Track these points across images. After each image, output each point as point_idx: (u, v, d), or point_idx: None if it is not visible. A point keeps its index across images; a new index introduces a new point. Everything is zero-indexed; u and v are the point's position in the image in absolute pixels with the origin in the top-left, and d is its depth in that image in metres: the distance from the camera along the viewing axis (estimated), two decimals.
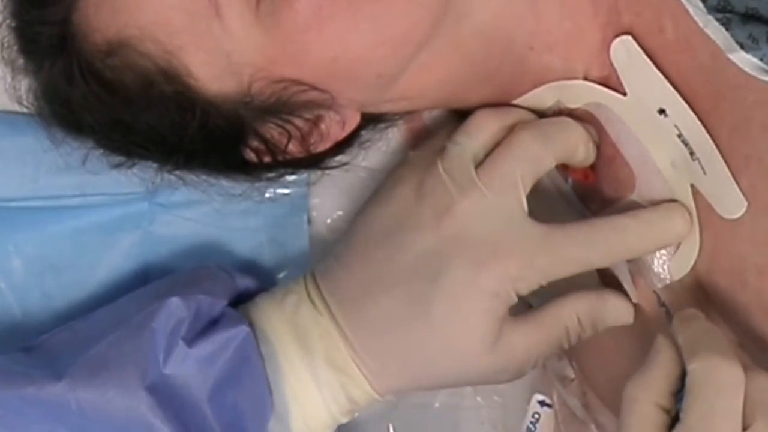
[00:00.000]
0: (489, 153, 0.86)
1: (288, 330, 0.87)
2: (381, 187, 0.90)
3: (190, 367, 0.83)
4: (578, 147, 0.86)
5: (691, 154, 0.83)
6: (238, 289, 0.90)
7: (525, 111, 0.89)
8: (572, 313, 0.86)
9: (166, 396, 0.81)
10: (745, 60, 0.81)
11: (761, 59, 0.80)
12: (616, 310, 0.87)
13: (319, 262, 0.90)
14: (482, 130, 0.87)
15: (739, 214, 0.81)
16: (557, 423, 0.96)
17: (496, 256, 0.84)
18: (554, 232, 0.84)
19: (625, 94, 0.86)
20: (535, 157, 0.85)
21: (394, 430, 0.97)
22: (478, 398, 0.97)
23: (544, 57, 0.87)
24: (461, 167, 0.86)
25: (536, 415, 0.96)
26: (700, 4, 0.82)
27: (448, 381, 0.88)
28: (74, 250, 0.94)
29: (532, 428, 0.96)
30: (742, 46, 0.81)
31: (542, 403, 0.96)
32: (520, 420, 0.96)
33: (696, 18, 0.82)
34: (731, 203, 0.82)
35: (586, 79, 0.87)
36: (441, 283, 0.84)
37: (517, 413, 0.97)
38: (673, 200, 0.85)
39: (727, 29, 0.81)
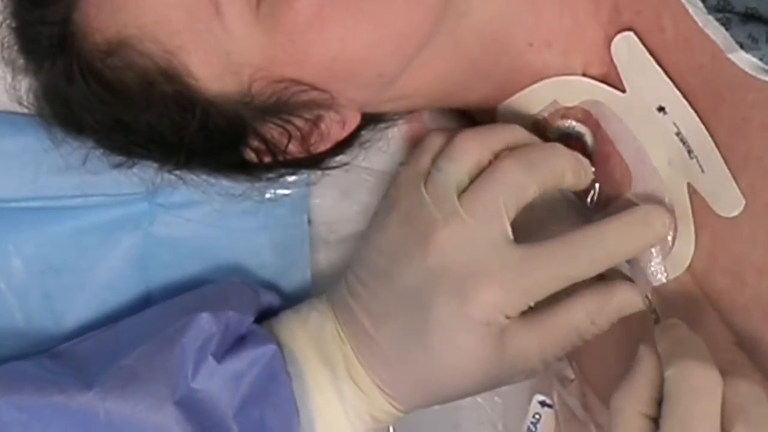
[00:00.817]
0: (473, 179, 0.85)
1: (314, 350, 0.87)
2: (378, 208, 0.89)
3: (218, 383, 0.83)
4: (565, 174, 0.86)
5: (689, 152, 0.83)
6: (262, 306, 0.90)
7: (509, 132, 0.87)
8: (582, 314, 0.85)
9: (193, 411, 0.82)
10: (744, 60, 0.81)
11: (761, 59, 0.80)
12: (626, 301, 0.85)
13: (335, 287, 0.89)
14: (465, 154, 0.86)
15: (736, 212, 0.81)
16: (557, 423, 0.96)
17: (478, 285, 0.83)
18: (534, 252, 0.83)
19: (624, 91, 0.86)
20: (519, 185, 0.84)
21: (394, 430, 0.97)
22: (478, 398, 0.97)
23: (542, 53, 0.87)
24: (444, 195, 0.85)
25: (537, 416, 0.96)
26: (700, 4, 0.82)
27: (467, 393, 0.88)
28: (74, 251, 0.94)
29: (533, 428, 0.96)
30: (741, 46, 0.81)
31: (542, 404, 0.96)
32: (520, 420, 0.96)
33: (696, 18, 0.82)
34: (729, 201, 0.82)
35: (584, 75, 0.87)
36: (432, 316, 0.84)
37: (517, 413, 0.97)
38: (659, 202, 0.85)
39: (726, 29, 0.81)
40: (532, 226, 0.86)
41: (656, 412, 0.77)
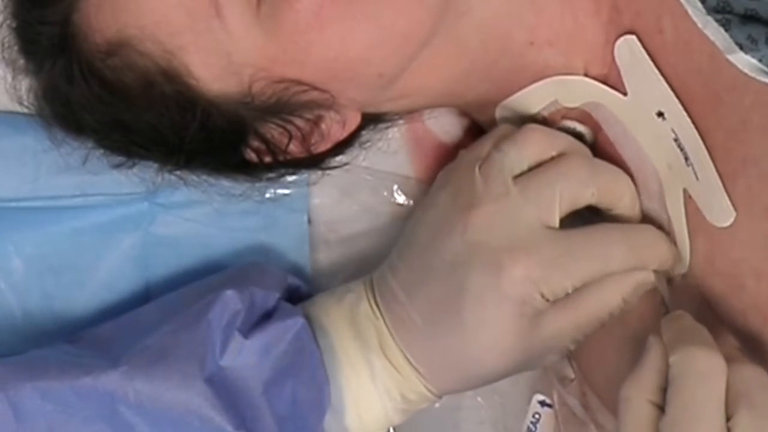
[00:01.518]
0: (532, 168, 0.85)
1: (346, 324, 0.87)
2: (431, 189, 0.89)
3: (247, 359, 0.83)
4: (624, 197, 0.85)
5: (686, 159, 0.83)
6: (289, 285, 0.90)
7: (578, 144, 0.87)
8: (617, 296, 0.84)
9: (223, 388, 0.81)
10: (744, 61, 0.80)
11: (760, 60, 0.80)
12: (647, 276, 0.85)
13: (378, 269, 0.89)
14: (530, 143, 0.85)
15: (727, 223, 0.81)
16: (557, 423, 0.96)
17: (515, 260, 0.82)
18: (576, 235, 0.83)
19: (625, 93, 0.86)
20: (581, 182, 0.84)
21: (394, 430, 0.97)
22: (479, 398, 0.97)
23: (543, 52, 0.87)
24: (498, 173, 0.84)
25: (537, 415, 0.96)
26: (700, 5, 0.82)
27: (497, 376, 0.87)
28: (74, 251, 0.94)
29: (533, 428, 0.96)
30: (741, 47, 0.81)
31: (542, 403, 0.96)
32: (520, 420, 0.96)
33: (695, 19, 0.82)
34: (720, 212, 0.81)
35: (586, 76, 0.87)
36: (467, 290, 0.83)
37: (517, 413, 0.97)
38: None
39: (726, 30, 0.81)
40: None
41: (663, 400, 0.77)
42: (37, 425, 0.79)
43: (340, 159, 0.92)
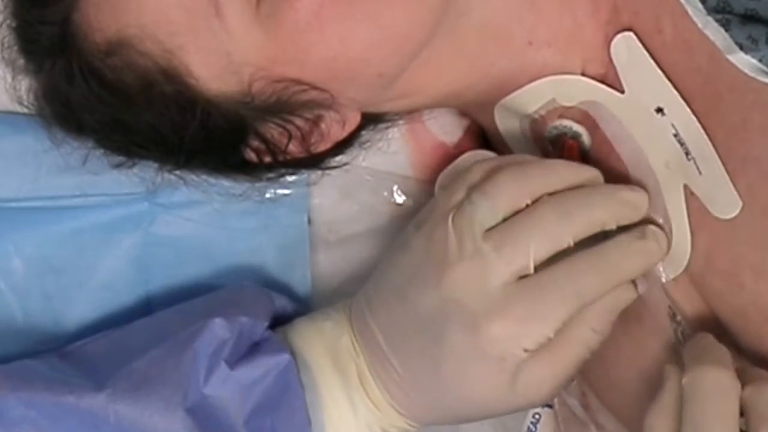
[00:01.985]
0: (506, 218, 0.82)
1: (328, 360, 0.86)
2: (410, 224, 0.87)
3: (230, 390, 0.83)
4: (605, 222, 0.83)
5: (687, 153, 0.83)
6: (276, 311, 0.90)
7: (552, 175, 0.84)
8: (587, 330, 0.83)
9: (204, 417, 0.82)
10: (744, 61, 0.80)
11: (760, 60, 0.80)
12: (621, 296, 0.84)
13: (355, 299, 0.88)
14: (502, 194, 0.82)
15: (733, 214, 0.81)
16: (557, 423, 0.95)
17: (491, 320, 0.81)
18: (543, 278, 0.81)
19: (622, 92, 0.85)
20: (554, 235, 0.81)
21: None
22: None
23: (541, 52, 0.87)
24: (469, 228, 0.82)
25: (537, 416, 0.95)
26: (700, 5, 0.82)
27: (481, 419, 0.88)
28: (74, 251, 0.94)
29: (533, 428, 0.95)
30: (741, 47, 0.81)
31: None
32: (520, 420, 0.96)
33: (695, 19, 0.82)
34: (726, 203, 0.81)
35: (583, 75, 0.87)
36: (446, 345, 0.83)
37: (517, 414, 0.96)
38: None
39: (726, 30, 0.81)
40: None
41: None
42: (23, 430, 0.80)
43: (340, 159, 0.92)
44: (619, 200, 0.83)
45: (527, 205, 0.82)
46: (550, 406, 0.95)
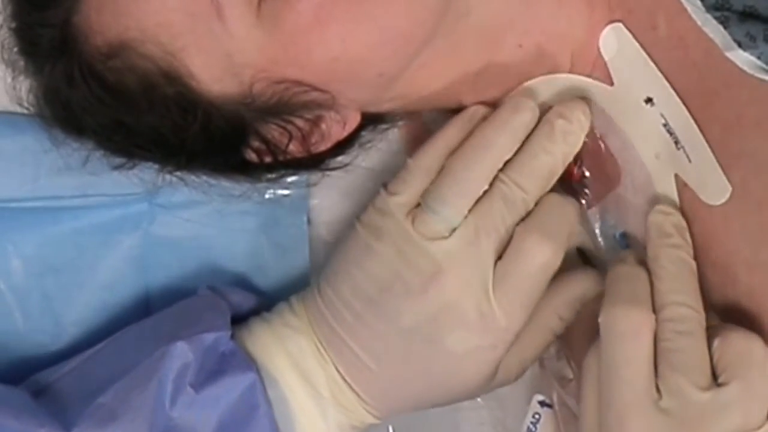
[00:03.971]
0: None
1: (295, 372, 0.87)
2: (357, 228, 0.88)
3: (197, 412, 0.83)
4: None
5: (676, 143, 0.83)
6: (234, 311, 0.89)
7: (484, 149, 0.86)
8: (549, 312, 0.87)
9: None
10: (742, 58, 0.81)
11: (758, 57, 0.80)
12: (585, 289, 0.87)
13: (308, 297, 0.88)
14: (459, 198, 0.85)
15: (723, 200, 0.82)
16: (557, 423, 0.96)
17: (487, 315, 0.84)
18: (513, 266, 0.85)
19: (611, 84, 0.86)
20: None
21: (394, 430, 0.97)
22: (478, 398, 0.98)
23: (531, 53, 0.87)
24: (440, 233, 0.84)
25: (536, 416, 0.96)
26: (699, 3, 0.82)
27: (451, 403, 0.90)
28: (74, 251, 0.94)
29: (533, 428, 0.95)
30: (739, 45, 0.81)
31: (542, 403, 0.96)
32: (520, 420, 0.96)
33: (694, 16, 0.82)
34: (716, 189, 0.82)
35: (571, 71, 0.87)
36: (440, 346, 0.85)
37: (517, 413, 0.97)
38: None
39: (724, 27, 0.81)
40: None
41: None
42: None
43: (340, 159, 0.92)
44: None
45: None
46: (549, 405, 0.96)
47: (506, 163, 0.85)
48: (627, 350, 0.79)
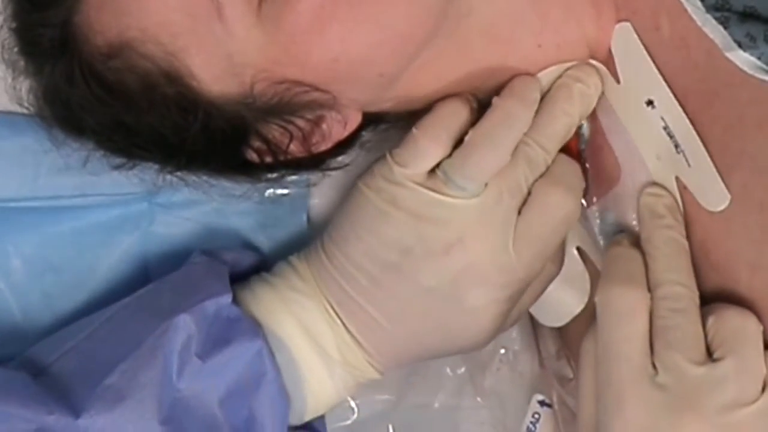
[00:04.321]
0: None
1: (304, 335, 0.87)
2: (362, 188, 0.88)
3: (204, 380, 0.83)
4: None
5: (676, 146, 0.84)
6: (232, 270, 0.89)
7: (506, 121, 0.87)
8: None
9: (179, 420, 0.82)
10: (742, 59, 0.81)
11: (759, 58, 0.80)
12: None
13: (317, 264, 0.89)
14: (486, 174, 0.85)
15: (722, 207, 0.82)
16: (557, 423, 0.96)
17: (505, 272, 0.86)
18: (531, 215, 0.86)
19: (618, 82, 0.86)
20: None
21: (394, 430, 0.97)
22: (478, 398, 0.98)
23: (550, 53, 0.87)
24: (458, 192, 0.85)
25: (536, 415, 0.96)
26: (699, 3, 0.82)
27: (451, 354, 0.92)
28: (74, 251, 0.94)
29: (532, 428, 0.96)
30: (739, 45, 0.81)
31: (542, 403, 0.96)
32: (519, 420, 0.96)
33: (694, 16, 0.82)
34: (715, 196, 0.82)
35: None
36: (459, 303, 0.86)
37: (516, 413, 0.97)
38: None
39: (725, 28, 0.81)
40: None
41: None
42: None
43: (340, 159, 0.92)
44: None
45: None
46: (549, 405, 0.96)
47: None
48: (623, 328, 0.81)
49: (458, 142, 0.87)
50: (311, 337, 0.87)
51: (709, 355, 0.80)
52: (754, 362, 0.79)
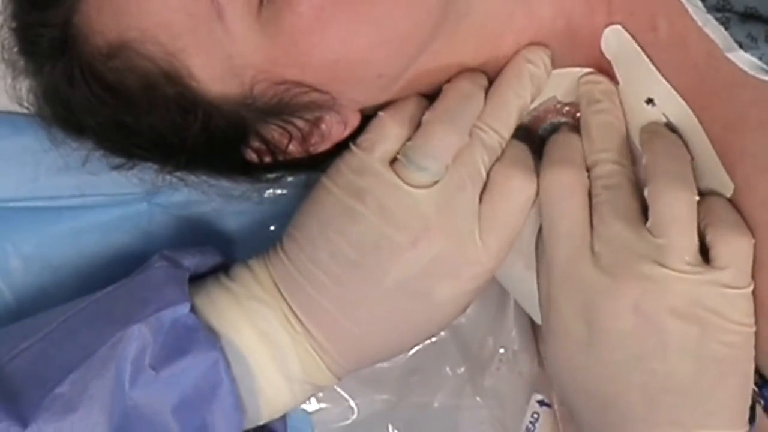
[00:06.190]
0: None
1: (264, 346, 0.85)
2: (327, 184, 0.87)
3: (157, 392, 0.82)
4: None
5: None
6: (192, 273, 0.87)
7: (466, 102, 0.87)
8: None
9: (132, 431, 0.81)
10: (743, 59, 0.81)
11: (760, 58, 0.80)
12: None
13: (276, 264, 0.87)
14: (445, 152, 0.85)
15: (726, 197, 0.82)
16: (556, 422, 0.96)
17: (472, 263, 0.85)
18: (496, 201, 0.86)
19: (617, 84, 0.86)
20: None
21: (394, 430, 0.97)
22: (478, 398, 0.98)
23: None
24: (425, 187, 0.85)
25: (535, 415, 0.96)
26: (700, 3, 0.82)
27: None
28: (73, 250, 0.94)
29: (532, 428, 0.96)
30: (740, 45, 0.81)
31: (541, 403, 0.96)
32: (519, 420, 0.96)
33: (695, 17, 0.82)
34: (719, 185, 0.82)
35: None
36: (427, 298, 0.85)
37: (516, 413, 0.97)
38: None
39: (726, 28, 0.81)
40: None
41: None
42: None
43: None
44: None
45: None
46: (548, 405, 0.96)
47: None
48: (563, 207, 0.83)
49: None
50: (270, 348, 0.85)
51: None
52: (686, 236, 0.80)
